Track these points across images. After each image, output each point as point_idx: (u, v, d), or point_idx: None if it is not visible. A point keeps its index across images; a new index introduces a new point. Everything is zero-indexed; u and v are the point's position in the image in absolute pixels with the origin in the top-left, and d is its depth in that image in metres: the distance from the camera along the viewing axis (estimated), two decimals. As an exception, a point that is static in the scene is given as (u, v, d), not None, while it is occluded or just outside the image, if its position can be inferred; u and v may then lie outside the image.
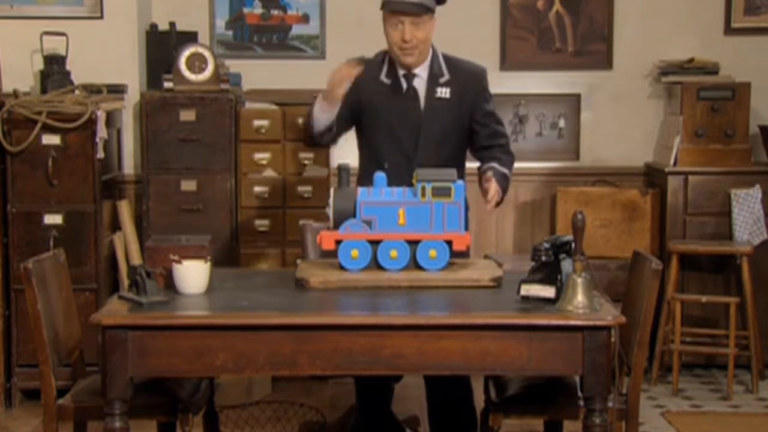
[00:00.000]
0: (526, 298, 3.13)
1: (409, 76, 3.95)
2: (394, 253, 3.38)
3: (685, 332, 5.31)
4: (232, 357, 2.98)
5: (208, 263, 3.28)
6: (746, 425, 4.79)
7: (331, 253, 3.45)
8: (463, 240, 3.41)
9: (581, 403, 3.21)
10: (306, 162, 5.28)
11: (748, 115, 5.50)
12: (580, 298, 3.00)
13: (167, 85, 5.22)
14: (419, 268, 3.40)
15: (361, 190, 3.46)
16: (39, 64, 5.24)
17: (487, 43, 5.82)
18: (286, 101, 5.37)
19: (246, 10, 5.83)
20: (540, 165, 5.85)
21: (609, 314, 3.00)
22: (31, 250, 4.68)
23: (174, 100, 5.18)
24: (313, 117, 3.86)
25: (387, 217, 3.39)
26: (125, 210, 5.31)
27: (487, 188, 3.70)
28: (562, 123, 5.91)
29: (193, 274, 3.23)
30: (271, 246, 5.30)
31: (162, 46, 5.46)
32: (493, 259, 3.73)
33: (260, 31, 5.84)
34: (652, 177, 5.76)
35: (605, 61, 5.87)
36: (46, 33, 5.22)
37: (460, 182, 3.45)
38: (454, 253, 3.44)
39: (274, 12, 5.83)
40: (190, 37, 5.51)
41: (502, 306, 3.13)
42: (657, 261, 3.37)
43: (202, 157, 5.18)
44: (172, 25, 5.52)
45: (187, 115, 5.17)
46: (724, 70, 5.66)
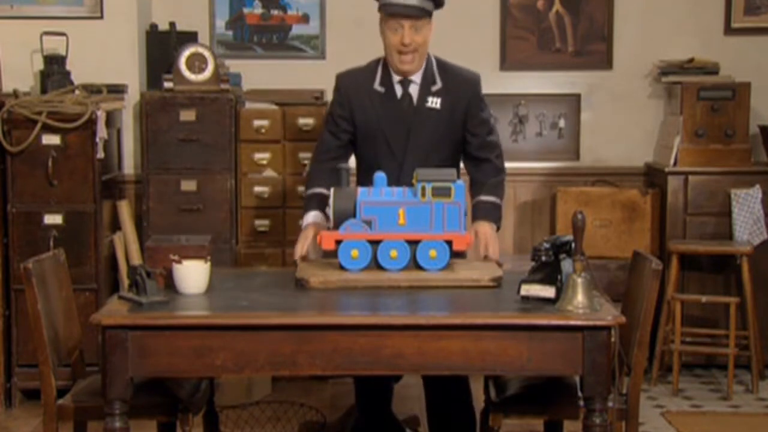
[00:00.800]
0: (526, 298, 3.13)
1: (405, 83, 3.89)
2: (394, 253, 3.39)
3: (685, 332, 5.31)
4: (232, 357, 2.98)
5: (208, 263, 3.28)
6: (746, 425, 4.78)
7: (331, 253, 3.45)
8: (463, 240, 3.41)
9: (581, 403, 3.21)
10: (306, 162, 5.27)
11: (748, 115, 5.50)
12: (580, 298, 3.00)
13: (167, 85, 5.22)
14: (419, 268, 3.40)
15: (361, 190, 3.46)
16: (39, 64, 5.24)
17: (487, 43, 5.82)
18: (286, 101, 5.37)
19: (246, 10, 5.83)
20: (540, 165, 5.85)
21: (609, 314, 3.00)
22: (31, 250, 4.69)
23: (174, 100, 5.18)
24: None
25: (387, 217, 3.39)
26: (125, 210, 5.31)
27: (480, 244, 3.73)
28: (562, 123, 5.91)
29: (193, 274, 3.24)
30: (271, 246, 5.30)
31: (162, 46, 5.46)
32: (493, 259, 3.74)
33: (260, 31, 5.84)
34: (652, 177, 5.76)
35: (605, 61, 5.87)
36: (46, 33, 5.22)
37: (460, 182, 3.45)
38: (454, 253, 3.44)
39: (274, 12, 5.83)
40: (190, 37, 5.51)
41: (502, 306, 3.13)
42: (657, 261, 3.37)
43: (202, 157, 5.18)
44: (172, 25, 5.52)
45: (187, 115, 5.17)
46: (724, 70, 5.66)
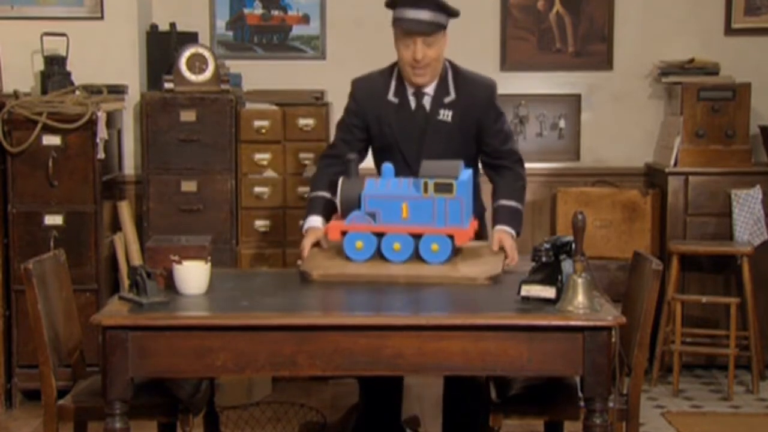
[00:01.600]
0: (527, 299, 3.13)
1: (419, 94, 3.81)
2: (397, 246, 3.45)
3: (686, 333, 5.31)
4: (232, 357, 2.98)
5: (209, 264, 3.28)
6: (747, 426, 4.78)
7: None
8: (464, 234, 3.45)
9: (582, 403, 3.21)
10: (306, 162, 5.27)
11: (748, 116, 5.50)
12: (581, 298, 3.00)
13: (167, 85, 5.22)
14: (421, 260, 3.46)
15: (369, 181, 3.51)
16: (39, 65, 5.24)
17: (488, 44, 5.82)
18: (287, 102, 5.37)
19: (246, 11, 5.83)
20: (540, 165, 5.84)
21: (609, 315, 3.00)
22: (31, 250, 4.69)
23: (174, 101, 5.18)
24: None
25: (391, 211, 3.45)
26: (125, 210, 5.31)
27: (504, 252, 3.61)
28: (562, 123, 5.91)
29: (193, 275, 3.24)
30: (272, 246, 5.30)
31: (162, 47, 5.46)
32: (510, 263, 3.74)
33: (260, 31, 5.84)
34: (653, 177, 5.76)
35: (605, 62, 5.86)
36: (47, 34, 5.22)
37: (465, 175, 3.47)
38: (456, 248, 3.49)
39: (275, 12, 5.83)
40: (191, 38, 5.51)
41: (502, 306, 3.13)
42: (657, 261, 3.37)
43: (202, 157, 5.18)
44: (173, 25, 5.52)
45: (188, 116, 5.17)
46: (724, 70, 5.66)
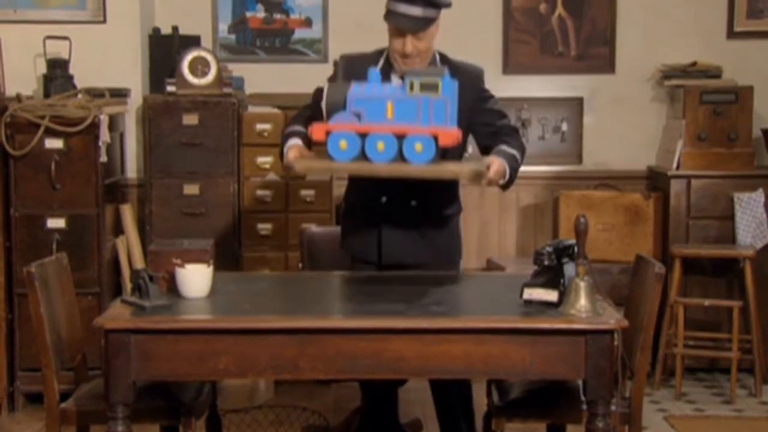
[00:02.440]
0: (529, 302, 3.13)
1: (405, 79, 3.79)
2: (381, 145, 3.35)
3: (688, 336, 5.30)
4: (234, 361, 2.98)
5: (211, 267, 3.29)
6: (749, 429, 4.78)
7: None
8: (449, 135, 3.33)
9: (584, 407, 3.21)
10: (309, 166, 5.27)
11: (750, 119, 5.50)
12: (583, 302, 3.00)
13: (170, 89, 5.22)
14: (405, 161, 3.35)
15: (355, 84, 3.42)
16: (42, 68, 5.25)
17: (490, 47, 5.83)
18: (289, 105, 5.36)
19: (249, 14, 5.83)
20: (542, 168, 5.85)
21: (612, 318, 3.00)
22: (34, 253, 4.68)
23: (177, 104, 5.18)
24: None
25: (375, 110, 3.36)
26: (128, 214, 5.31)
27: (489, 162, 3.50)
28: (564, 126, 5.91)
29: (195, 278, 3.24)
30: (274, 250, 5.30)
31: (165, 50, 5.46)
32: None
33: (263, 34, 5.84)
34: (655, 180, 5.76)
35: (608, 65, 5.87)
36: (49, 37, 5.22)
37: (449, 78, 3.37)
38: (442, 152, 3.38)
39: (277, 16, 5.83)
40: (193, 41, 5.51)
41: (504, 310, 3.13)
42: (660, 265, 3.37)
43: (204, 160, 5.19)
44: (175, 29, 5.52)
45: (190, 119, 5.17)
46: (726, 73, 5.66)
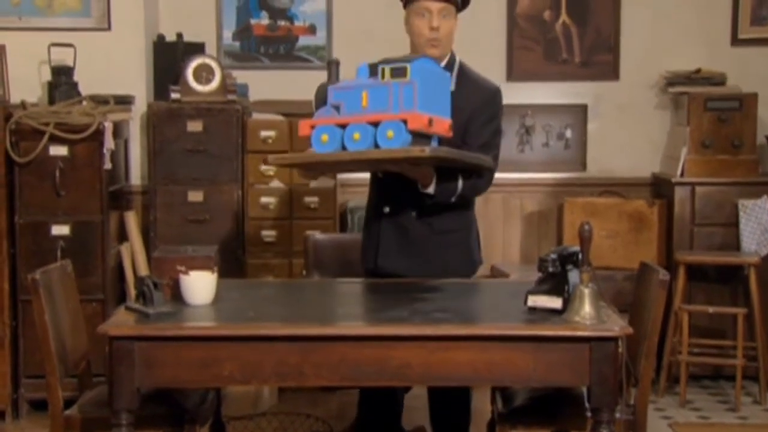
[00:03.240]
0: (533, 309, 3.12)
1: None
2: (357, 135, 3.40)
3: (693, 343, 5.30)
4: (238, 368, 2.97)
5: (215, 274, 3.28)
6: (754, 436, 4.78)
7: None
8: (417, 118, 3.32)
9: (588, 414, 3.20)
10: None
11: (755, 126, 5.50)
12: (587, 308, 3.00)
13: (174, 96, 5.23)
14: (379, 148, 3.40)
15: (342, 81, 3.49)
16: (47, 76, 5.26)
17: (494, 54, 5.83)
18: (293, 112, 5.37)
19: (253, 21, 5.84)
20: (546, 175, 5.85)
21: (616, 325, 2.99)
22: (38, 260, 4.69)
23: (181, 111, 5.19)
24: None
25: (352, 101, 3.42)
26: (132, 221, 5.31)
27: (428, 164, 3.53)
28: (568, 133, 5.91)
29: (199, 285, 3.24)
30: (278, 257, 5.30)
31: (169, 57, 5.47)
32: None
33: (267, 42, 5.85)
34: (659, 187, 5.75)
35: (612, 72, 5.87)
36: (54, 44, 5.23)
37: (426, 62, 3.38)
38: (415, 134, 3.36)
39: (281, 23, 5.84)
40: (198, 48, 5.52)
41: (509, 317, 3.12)
42: (664, 272, 3.37)
43: (209, 167, 5.19)
44: (180, 36, 5.54)
45: (194, 126, 5.18)
46: (731, 80, 5.66)
